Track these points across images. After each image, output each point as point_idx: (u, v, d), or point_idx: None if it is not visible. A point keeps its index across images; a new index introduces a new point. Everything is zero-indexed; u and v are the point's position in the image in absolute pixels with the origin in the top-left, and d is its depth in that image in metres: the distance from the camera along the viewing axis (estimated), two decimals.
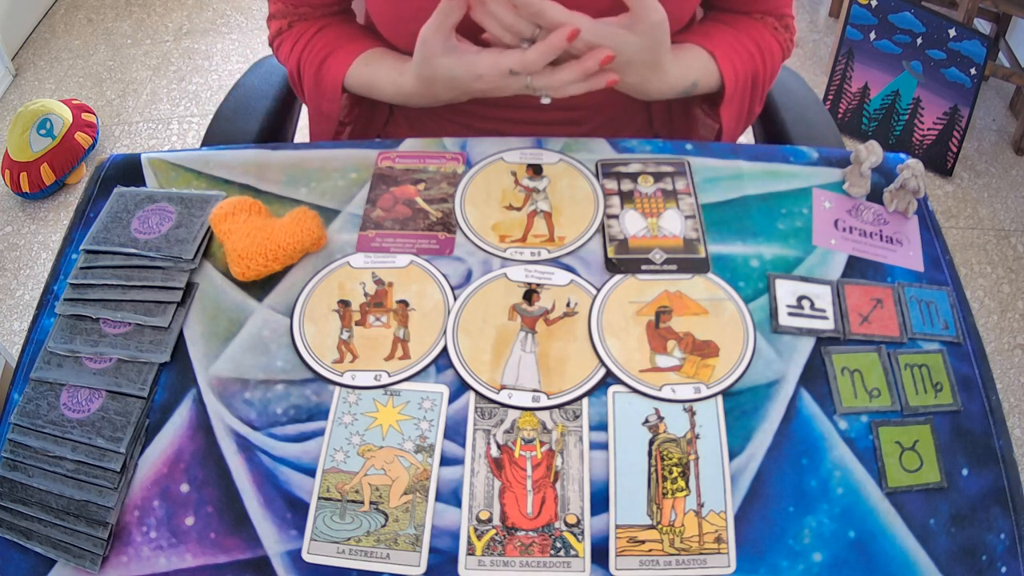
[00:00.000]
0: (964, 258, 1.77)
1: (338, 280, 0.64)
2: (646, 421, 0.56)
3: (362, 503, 0.54)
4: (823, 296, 0.62)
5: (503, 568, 0.51)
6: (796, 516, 0.53)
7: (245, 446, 0.56)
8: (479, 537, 0.52)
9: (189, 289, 0.64)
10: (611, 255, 0.65)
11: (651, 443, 0.55)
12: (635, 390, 0.58)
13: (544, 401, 0.57)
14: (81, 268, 0.64)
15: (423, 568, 0.51)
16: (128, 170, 0.73)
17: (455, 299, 0.63)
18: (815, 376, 0.59)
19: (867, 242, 0.66)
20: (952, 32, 1.82)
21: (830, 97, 2.05)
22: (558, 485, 0.54)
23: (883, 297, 0.63)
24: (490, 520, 0.53)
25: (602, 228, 0.67)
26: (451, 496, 0.54)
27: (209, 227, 0.66)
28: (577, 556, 0.51)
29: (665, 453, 0.55)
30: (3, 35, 2.19)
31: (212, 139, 0.86)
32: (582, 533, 0.52)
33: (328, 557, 0.52)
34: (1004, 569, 0.52)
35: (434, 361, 0.59)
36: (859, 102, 2.01)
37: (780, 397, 0.57)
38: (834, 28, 2.25)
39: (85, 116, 1.98)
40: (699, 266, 0.64)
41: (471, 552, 0.52)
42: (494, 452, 0.55)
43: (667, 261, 0.65)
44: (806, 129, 0.86)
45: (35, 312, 0.64)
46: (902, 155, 0.71)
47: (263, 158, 0.73)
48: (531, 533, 0.52)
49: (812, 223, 0.67)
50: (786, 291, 0.63)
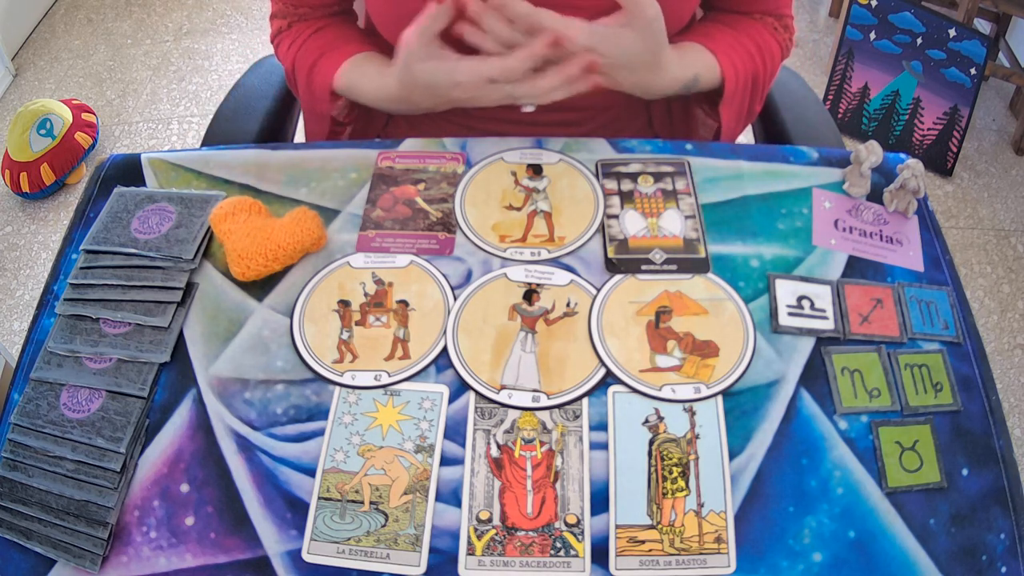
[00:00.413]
0: (964, 258, 1.77)
1: (338, 280, 0.64)
2: (646, 421, 0.56)
3: (362, 503, 0.54)
4: (823, 296, 0.62)
5: (503, 568, 0.51)
6: (796, 516, 0.53)
7: (245, 446, 0.56)
8: (479, 537, 0.52)
9: (189, 289, 0.64)
10: (611, 255, 0.65)
11: (651, 443, 0.55)
12: (635, 390, 0.58)
13: (544, 401, 0.57)
14: (81, 268, 0.64)
15: (423, 568, 0.51)
16: (128, 170, 0.73)
17: (455, 299, 0.63)
18: (815, 376, 0.59)
19: (867, 242, 0.66)
20: (952, 32, 1.82)
21: (830, 97, 2.05)
22: (558, 485, 0.54)
23: (883, 297, 0.63)
24: (490, 520, 0.53)
25: (602, 228, 0.67)
26: (451, 496, 0.54)
27: (209, 227, 0.66)
28: (577, 556, 0.51)
29: (665, 453, 0.55)
30: (3, 35, 2.19)
31: (212, 139, 0.86)
32: (582, 533, 0.52)
33: (328, 557, 0.52)
34: (1004, 569, 0.52)
35: (434, 361, 0.59)
36: (859, 102, 2.01)
37: (780, 397, 0.57)
38: (834, 28, 2.25)
39: (85, 116, 1.98)
40: (699, 266, 0.64)
41: (471, 552, 0.52)
42: (494, 452, 0.55)
43: (667, 261, 0.65)
44: (806, 129, 0.86)
45: (35, 312, 0.64)
46: (902, 155, 0.71)
47: (263, 158, 0.73)
48: (531, 533, 0.52)
49: (812, 223, 0.67)
50: (786, 291, 0.63)
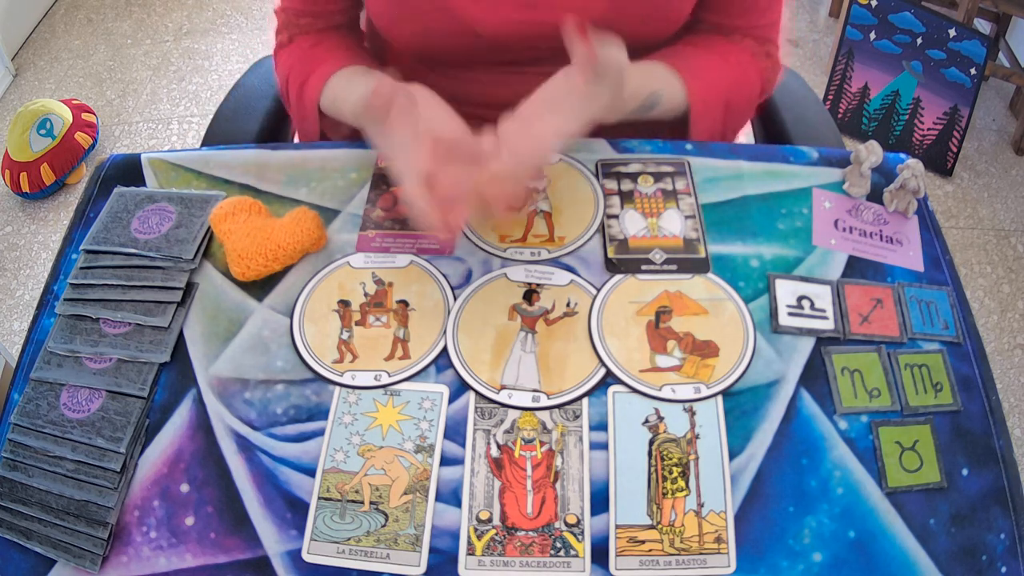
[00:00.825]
0: (964, 258, 1.77)
1: (338, 280, 0.64)
2: (646, 421, 0.56)
3: (362, 503, 0.54)
4: (823, 296, 0.62)
5: (503, 568, 0.51)
6: (796, 516, 0.53)
7: (245, 446, 0.56)
8: (479, 537, 0.52)
9: (189, 289, 0.64)
10: (611, 255, 0.65)
11: (651, 443, 0.55)
12: (635, 390, 0.58)
13: (544, 401, 0.57)
14: (81, 268, 0.64)
15: (423, 568, 0.51)
16: (128, 170, 0.73)
17: (455, 299, 0.63)
18: (815, 376, 0.58)
19: (867, 242, 0.66)
20: (952, 32, 1.82)
21: (830, 97, 2.05)
22: (558, 485, 0.54)
23: (883, 297, 0.63)
24: (490, 520, 0.53)
25: (602, 228, 0.67)
26: (451, 496, 0.54)
27: (209, 227, 0.66)
28: (577, 556, 0.51)
29: (665, 453, 0.55)
30: (3, 35, 2.19)
31: (212, 139, 0.86)
32: (582, 533, 0.52)
33: (328, 557, 0.52)
34: (1004, 569, 0.52)
35: (434, 361, 0.59)
36: (859, 102, 2.01)
37: (780, 397, 0.57)
38: (834, 28, 2.25)
39: (85, 116, 1.98)
40: (699, 266, 0.64)
41: (471, 552, 0.52)
42: (494, 452, 0.55)
43: (667, 261, 0.65)
44: (806, 129, 0.86)
45: (35, 312, 0.64)
46: (902, 155, 0.71)
47: (263, 158, 0.73)
48: (531, 533, 0.52)
49: (812, 223, 0.67)
50: (786, 291, 0.62)
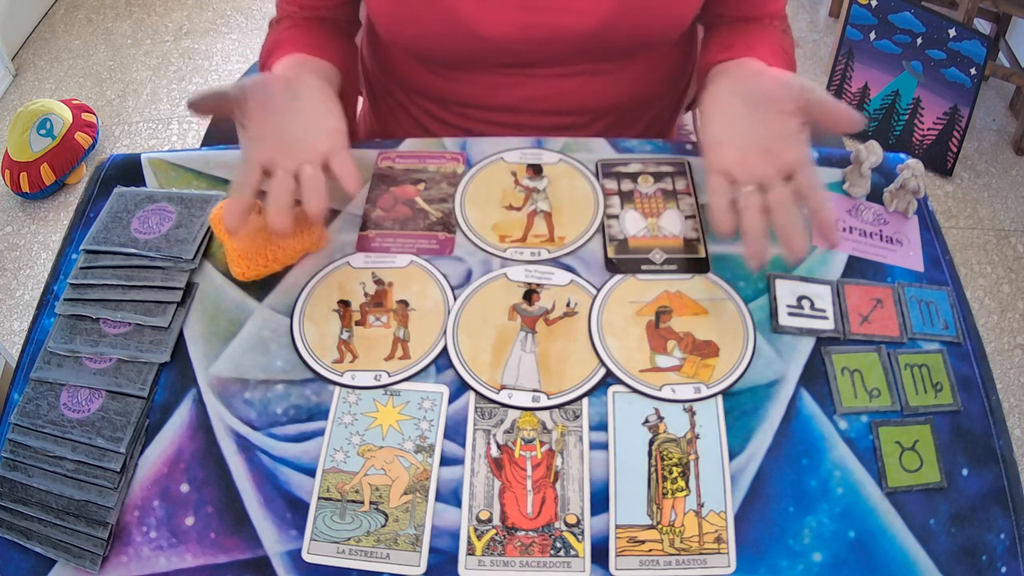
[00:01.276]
0: (964, 258, 1.77)
1: (338, 280, 0.64)
2: (646, 421, 0.56)
3: (362, 503, 0.54)
4: (823, 296, 0.62)
5: (503, 568, 0.51)
6: (796, 516, 0.53)
7: (245, 446, 0.56)
8: (479, 537, 0.52)
9: (189, 289, 0.64)
10: (611, 255, 0.65)
11: (651, 443, 0.55)
12: (635, 390, 0.58)
13: (544, 401, 0.57)
14: (81, 268, 0.64)
15: (423, 568, 0.51)
16: (128, 170, 0.73)
17: (455, 299, 0.63)
18: (815, 376, 0.58)
19: (867, 242, 0.66)
20: (952, 32, 1.82)
21: None
22: (558, 485, 0.54)
23: (883, 297, 0.63)
24: (490, 520, 0.53)
25: (602, 228, 0.67)
26: (451, 496, 0.54)
27: (209, 227, 0.66)
28: (577, 556, 0.51)
29: (665, 453, 0.55)
30: (3, 35, 2.19)
31: (212, 139, 0.86)
32: (582, 533, 0.52)
33: (328, 557, 0.52)
34: (1004, 569, 0.52)
35: (434, 361, 0.59)
36: (859, 102, 2.01)
37: (780, 397, 0.57)
38: (834, 28, 2.25)
39: (85, 116, 1.98)
40: (699, 266, 0.64)
41: (471, 552, 0.52)
42: (494, 452, 0.55)
43: (667, 261, 0.65)
44: None
45: (35, 312, 0.64)
46: (902, 155, 0.71)
47: None
48: (531, 533, 0.52)
49: (812, 223, 0.67)
50: (786, 291, 0.62)
